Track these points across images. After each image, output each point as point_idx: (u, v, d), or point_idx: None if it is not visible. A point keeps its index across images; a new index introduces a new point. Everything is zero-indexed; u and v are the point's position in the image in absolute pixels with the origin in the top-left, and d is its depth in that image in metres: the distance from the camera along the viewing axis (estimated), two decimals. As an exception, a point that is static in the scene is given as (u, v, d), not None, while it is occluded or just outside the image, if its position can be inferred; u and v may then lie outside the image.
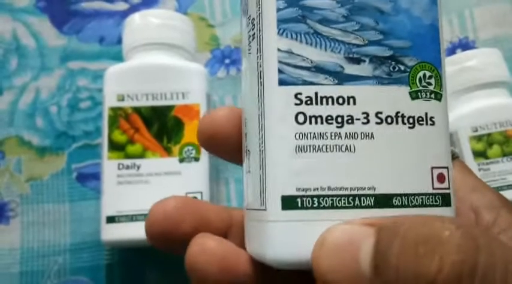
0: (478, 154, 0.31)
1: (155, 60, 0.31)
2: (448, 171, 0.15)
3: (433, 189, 0.14)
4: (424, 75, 0.15)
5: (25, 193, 0.33)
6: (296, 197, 0.14)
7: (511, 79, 0.33)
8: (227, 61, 0.37)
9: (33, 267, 0.32)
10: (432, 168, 0.15)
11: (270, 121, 0.14)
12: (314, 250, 0.13)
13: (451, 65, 0.33)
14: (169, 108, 0.30)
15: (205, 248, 0.15)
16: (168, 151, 0.29)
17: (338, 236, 0.13)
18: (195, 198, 0.29)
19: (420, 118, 0.15)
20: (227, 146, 0.17)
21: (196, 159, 0.29)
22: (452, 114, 0.33)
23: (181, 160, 0.29)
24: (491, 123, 0.31)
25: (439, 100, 0.15)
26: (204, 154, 0.29)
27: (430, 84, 0.15)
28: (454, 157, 0.18)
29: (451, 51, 0.38)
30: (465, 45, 0.38)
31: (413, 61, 0.15)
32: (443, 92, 0.15)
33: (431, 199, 0.14)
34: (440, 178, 0.15)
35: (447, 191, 0.15)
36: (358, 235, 0.13)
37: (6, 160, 0.34)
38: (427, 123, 0.15)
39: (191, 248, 0.15)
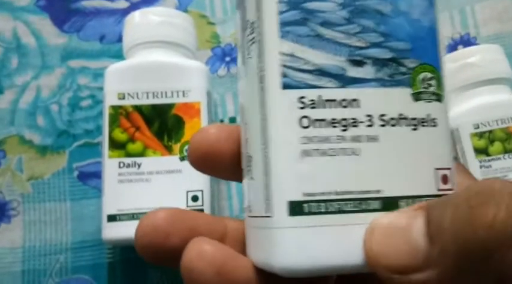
0: (480, 151, 0.31)
1: (156, 58, 0.31)
2: (451, 172, 0.15)
3: (438, 190, 0.14)
4: (425, 76, 0.15)
5: (26, 192, 0.33)
6: (303, 202, 0.14)
7: (512, 75, 0.33)
8: (228, 59, 0.37)
9: (35, 266, 0.32)
10: (436, 169, 0.14)
11: (274, 126, 0.14)
12: (365, 240, 0.13)
13: (453, 62, 0.33)
14: (170, 106, 0.30)
15: (202, 253, 0.15)
16: (169, 150, 0.29)
17: (388, 221, 0.13)
18: (196, 197, 0.29)
19: (423, 120, 0.15)
20: (219, 164, 0.17)
21: (197, 157, 0.29)
22: (453, 111, 0.32)
23: (182, 159, 0.29)
24: (493, 119, 0.31)
25: (440, 101, 0.15)
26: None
27: (431, 85, 0.15)
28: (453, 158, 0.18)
29: (453, 48, 0.38)
30: (466, 41, 0.38)
31: (414, 63, 0.15)
32: (443, 93, 0.15)
33: None
34: (444, 179, 0.15)
35: (451, 192, 0.15)
36: (408, 217, 0.13)
37: (7, 159, 0.34)
38: (429, 125, 0.15)
39: (187, 253, 0.15)
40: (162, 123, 0.30)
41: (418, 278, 0.12)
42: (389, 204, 0.14)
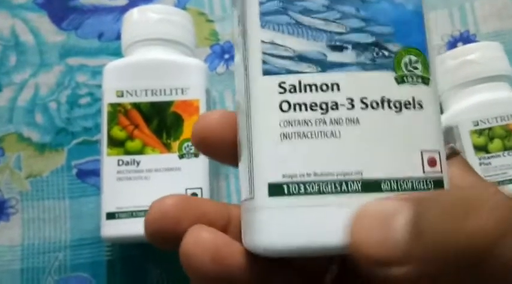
0: (479, 149, 0.31)
1: (154, 56, 0.31)
2: (439, 155, 0.15)
3: (424, 173, 0.14)
4: (410, 59, 0.15)
5: (25, 189, 0.33)
6: (282, 184, 0.14)
7: (512, 72, 0.33)
8: (226, 56, 0.37)
9: (34, 264, 0.32)
10: (422, 151, 0.14)
11: (255, 111, 0.15)
12: (350, 227, 0.13)
13: (452, 59, 0.33)
14: (169, 103, 0.30)
15: (199, 240, 0.15)
16: (168, 147, 0.29)
17: (373, 210, 0.13)
18: (195, 194, 0.29)
19: (407, 103, 0.15)
20: (220, 148, 0.18)
21: (196, 155, 0.29)
22: (453, 108, 0.32)
23: (181, 156, 0.29)
24: (493, 117, 0.31)
25: (427, 84, 0.15)
26: (204, 150, 0.29)
27: (416, 68, 0.15)
28: (455, 153, 0.18)
29: (452, 45, 0.38)
30: (466, 38, 0.38)
31: (397, 46, 0.15)
32: (431, 76, 0.15)
33: (422, 184, 0.14)
34: (432, 162, 0.14)
35: (439, 175, 0.14)
36: (394, 208, 0.13)
37: (6, 157, 0.34)
38: (414, 107, 0.15)
39: (185, 239, 0.15)
40: (161, 121, 0.30)
41: (397, 273, 0.12)
42: (371, 185, 0.14)
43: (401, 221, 0.13)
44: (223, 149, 0.17)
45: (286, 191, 0.14)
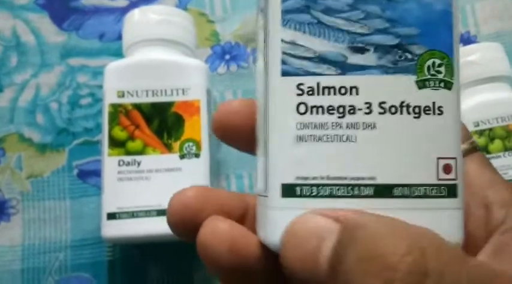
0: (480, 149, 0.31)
1: (155, 56, 0.31)
2: (456, 162, 0.14)
3: (438, 179, 0.14)
4: (434, 63, 0.15)
5: (26, 190, 0.33)
6: (295, 185, 0.14)
7: (512, 73, 0.33)
8: (227, 57, 0.37)
9: (34, 264, 0.32)
10: (438, 158, 0.14)
11: (273, 111, 0.15)
12: (281, 237, 0.14)
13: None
14: (170, 104, 0.30)
15: (216, 230, 0.16)
16: (169, 148, 0.29)
17: (303, 228, 0.14)
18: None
19: (427, 108, 0.14)
20: (240, 136, 0.18)
21: (197, 155, 0.29)
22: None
23: (182, 157, 0.29)
24: (493, 117, 0.31)
25: (449, 89, 0.15)
26: (205, 151, 0.29)
27: (439, 72, 0.15)
28: (475, 149, 0.18)
29: (453, 46, 0.38)
30: (467, 39, 0.38)
31: (422, 49, 0.15)
32: (454, 81, 0.15)
33: (435, 190, 0.14)
34: (447, 168, 0.14)
35: (454, 182, 0.14)
36: (322, 230, 0.13)
37: (6, 157, 0.34)
38: (434, 113, 0.14)
39: (203, 230, 0.16)
40: (161, 121, 0.30)
41: None
42: (383, 190, 0.14)
43: (324, 250, 0.13)
44: (243, 137, 0.18)
45: (298, 192, 0.14)
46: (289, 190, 0.14)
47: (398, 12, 0.15)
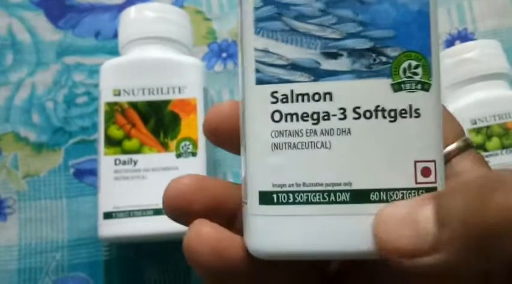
0: (477, 147, 0.31)
1: (151, 54, 0.30)
2: (435, 165, 0.14)
3: (416, 183, 0.14)
4: (410, 65, 0.14)
5: (22, 189, 0.33)
6: (272, 193, 0.14)
7: (510, 71, 0.33)
8: (224, 55, 0.37)
9: (31, 264, 0.32)
10: (416, 161, 0.14)
11: (249, 120, 0.15)
12: (373, 230, 0.14)
13: (450, 57, 0.33)
14: (166, 102, 0.29)
15: (200, 234, 0.16)
16: (165, 147, 0.29)
17: (394, 211, 0.14)
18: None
19: (403, 111, 0.14)
20: (230, 138, 0.18)
21: (194, 154, 0.29)
22: (451, 106, 0.32)
23: (178, 155, 0.29)
24: (491, 115, 0.31)
25: (427, 90, 0.14)
26: (201, 149, 0.29)
27: (416, 74, 0.14)
28: (469, 146, 0.17)
29: (450, 43, 0.38)
30: (464, 36, 0.38)
31: (397, 51, 0.14)
32: (432, 82, 0.15)
33: (413, 194, 0.14)
34: (426, 172, 0.14)
35: (433, 185, 0.14)
36: (416, 205, 0.13)
37: (2, 157, 0.34)
38: (411, 116, 0.14)
39: (188, 234, 0.16)
40: (158, 120, 0.29)
41: (426, 262, 0.13)
42: (359, 196, 0.14)
43: (425, 214, 0.13)
44: (234, 140, 0.18)
45: (275, 200, 0.14)
46: (266, 198, 0.14)
47: (371, 15, 0.14)
